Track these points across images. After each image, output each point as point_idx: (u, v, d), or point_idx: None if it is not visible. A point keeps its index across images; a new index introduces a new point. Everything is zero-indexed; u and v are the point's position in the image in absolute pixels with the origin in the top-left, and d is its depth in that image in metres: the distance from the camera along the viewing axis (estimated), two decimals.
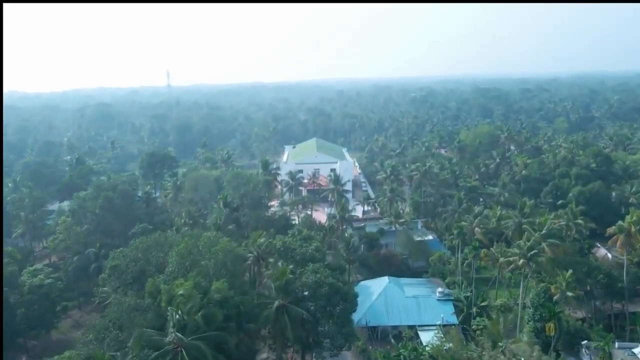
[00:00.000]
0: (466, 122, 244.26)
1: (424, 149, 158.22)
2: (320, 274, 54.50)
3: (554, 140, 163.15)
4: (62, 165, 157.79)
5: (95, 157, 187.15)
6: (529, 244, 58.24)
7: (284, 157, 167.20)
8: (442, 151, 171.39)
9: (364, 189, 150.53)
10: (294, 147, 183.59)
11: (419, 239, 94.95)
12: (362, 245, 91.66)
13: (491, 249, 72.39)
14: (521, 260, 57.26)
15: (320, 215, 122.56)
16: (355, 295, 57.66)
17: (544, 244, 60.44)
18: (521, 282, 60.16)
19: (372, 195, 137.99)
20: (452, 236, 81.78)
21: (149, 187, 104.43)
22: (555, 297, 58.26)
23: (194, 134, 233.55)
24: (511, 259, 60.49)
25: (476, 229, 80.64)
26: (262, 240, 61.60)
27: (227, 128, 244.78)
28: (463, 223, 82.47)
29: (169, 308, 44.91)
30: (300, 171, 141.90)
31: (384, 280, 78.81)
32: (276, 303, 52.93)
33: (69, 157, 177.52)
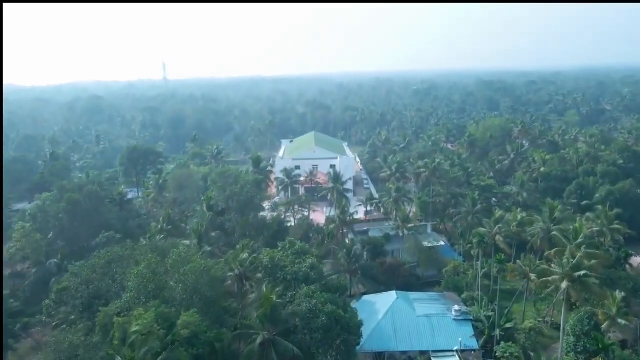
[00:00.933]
0: (472, 115, 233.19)
1: (430, 143, 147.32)
2: (317, 300, 43.90)
3: (567, 134, 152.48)
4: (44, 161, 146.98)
5: (81, 152, 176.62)
6: (573, 261, 47.37)
7: (280, 152, 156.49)
8: (449, 146, 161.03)
9: (365, 186, 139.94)
10: (291, 142, 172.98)
11: (429, 245, 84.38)
12: (365, 253, 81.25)
13: (518, 261, 61.63)
14: (565, 283, 46.53)
15: (319, 216, 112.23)
16: (360, 324, 47.16)
17: (586, 261, 49.36)
18: (563, 310, 49.16)
19: (375, 194, 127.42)
20: (470, 245, 71.06)
21: (122, 186, 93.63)
22: (603, 326, 47.69)
23: (187, 128, 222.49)
24: (550, 279, 49.72)
25: (497, 236, 69.91)
26: (245, 255, 50.86)
27: (222, 121, 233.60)
28: (482, 229, 71.78)
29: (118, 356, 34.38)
30: (297, 167, 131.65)
31: (391, 295, 68.26)
32: (260, 337, 42.40)
33: (52, 151, 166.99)
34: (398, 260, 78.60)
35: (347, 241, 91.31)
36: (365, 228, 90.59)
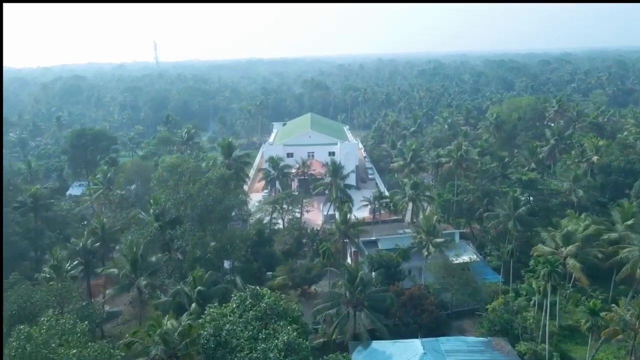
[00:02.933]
0: (487, 95, 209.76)
1: (446, 126, 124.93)
2: None
3: (604, 114, 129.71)
4: None
5: (43, 136, 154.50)
6: None
7: (271, 137, 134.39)
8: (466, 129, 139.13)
9: (370, 176, 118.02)
10: (284, 125, 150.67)
11: (459, 260, 62.60)
12: (374, 274, 59.78)
13: (615, 308, 39.75)
14: None
15: (315, 215, 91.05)
16: None
17: None
18: None
19: (382, 187, 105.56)
20: (529, 273, 49.22)
21: (37, 187, 70.82)
22: None
23: (171, 110, 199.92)
24: None
25: (570, 260, 48.13)
26: (169, 324, 29.10)
27: (210, 103, 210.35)
28: (545, 248, 49.93)
29: None
30: (290, 155, 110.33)
31: (415, 346, 46.91)
32: None
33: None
34: (420, 288, 56.85)
35: (349, 257, 69.76)
36: (373, 238, 68.68)
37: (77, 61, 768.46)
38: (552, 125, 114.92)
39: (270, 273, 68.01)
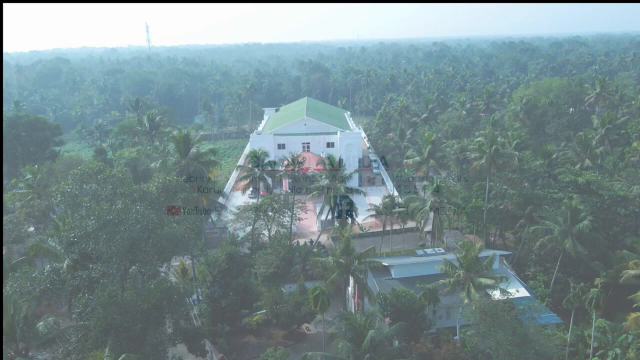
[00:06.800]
0: (500, 77, 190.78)
1: (464, 112, 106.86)
2: None
3: None
4: None
5: None
6: None
7: (260, 126, 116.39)
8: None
9: (375, 170, 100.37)
10: (277, 111, 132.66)
11: (503, 295, 45.04)
12: (387, 320, 42.55)
13: None
14: None
15: (310, 222, 74.40)
16: None
17: None
18: None
19: (390, 187, 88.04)
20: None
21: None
22: None
23: (153, 94, 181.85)
24: None
25: None
26: None
27: (197, 87, 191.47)
28: None
29: None
30: (282, 146, 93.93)
31: None
32: None
33: None
34: (455, 348, 39.49)
35: (350, 289, 52.19)
36: (383, 262, 51.08)
37: (71, 45, 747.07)
38: (596, 110, 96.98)
39: (247, 311, 51.25)
